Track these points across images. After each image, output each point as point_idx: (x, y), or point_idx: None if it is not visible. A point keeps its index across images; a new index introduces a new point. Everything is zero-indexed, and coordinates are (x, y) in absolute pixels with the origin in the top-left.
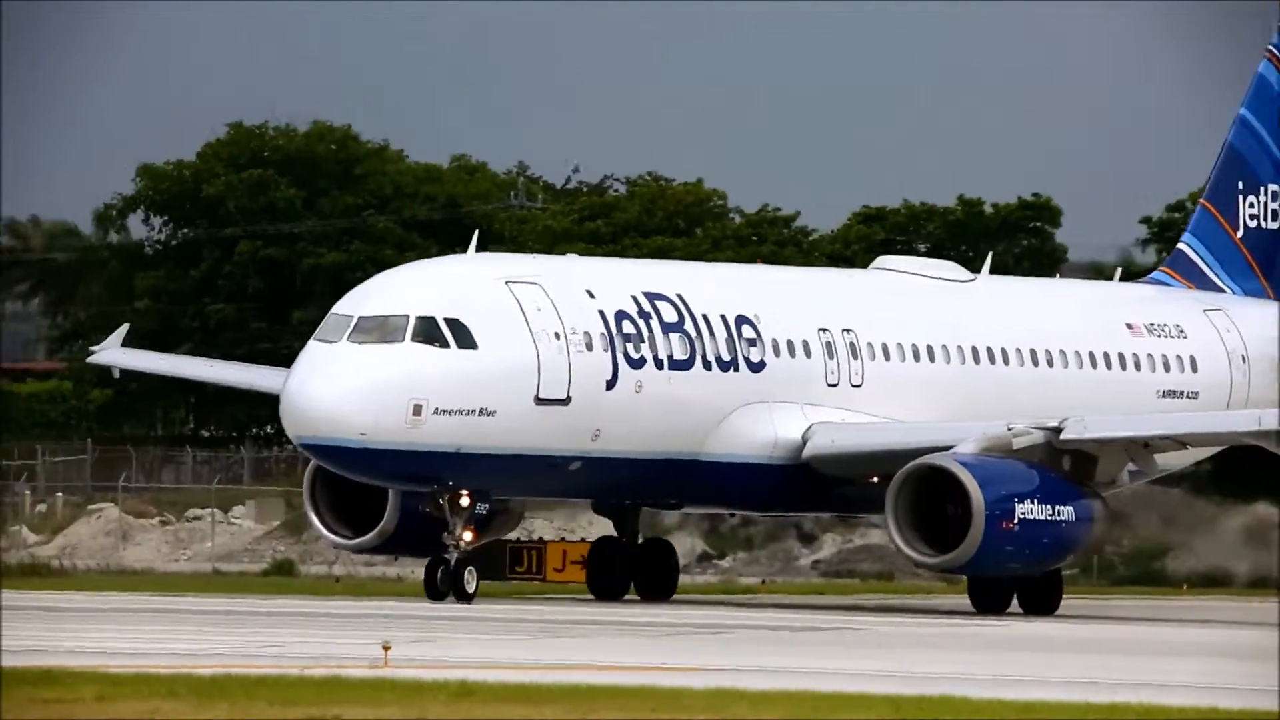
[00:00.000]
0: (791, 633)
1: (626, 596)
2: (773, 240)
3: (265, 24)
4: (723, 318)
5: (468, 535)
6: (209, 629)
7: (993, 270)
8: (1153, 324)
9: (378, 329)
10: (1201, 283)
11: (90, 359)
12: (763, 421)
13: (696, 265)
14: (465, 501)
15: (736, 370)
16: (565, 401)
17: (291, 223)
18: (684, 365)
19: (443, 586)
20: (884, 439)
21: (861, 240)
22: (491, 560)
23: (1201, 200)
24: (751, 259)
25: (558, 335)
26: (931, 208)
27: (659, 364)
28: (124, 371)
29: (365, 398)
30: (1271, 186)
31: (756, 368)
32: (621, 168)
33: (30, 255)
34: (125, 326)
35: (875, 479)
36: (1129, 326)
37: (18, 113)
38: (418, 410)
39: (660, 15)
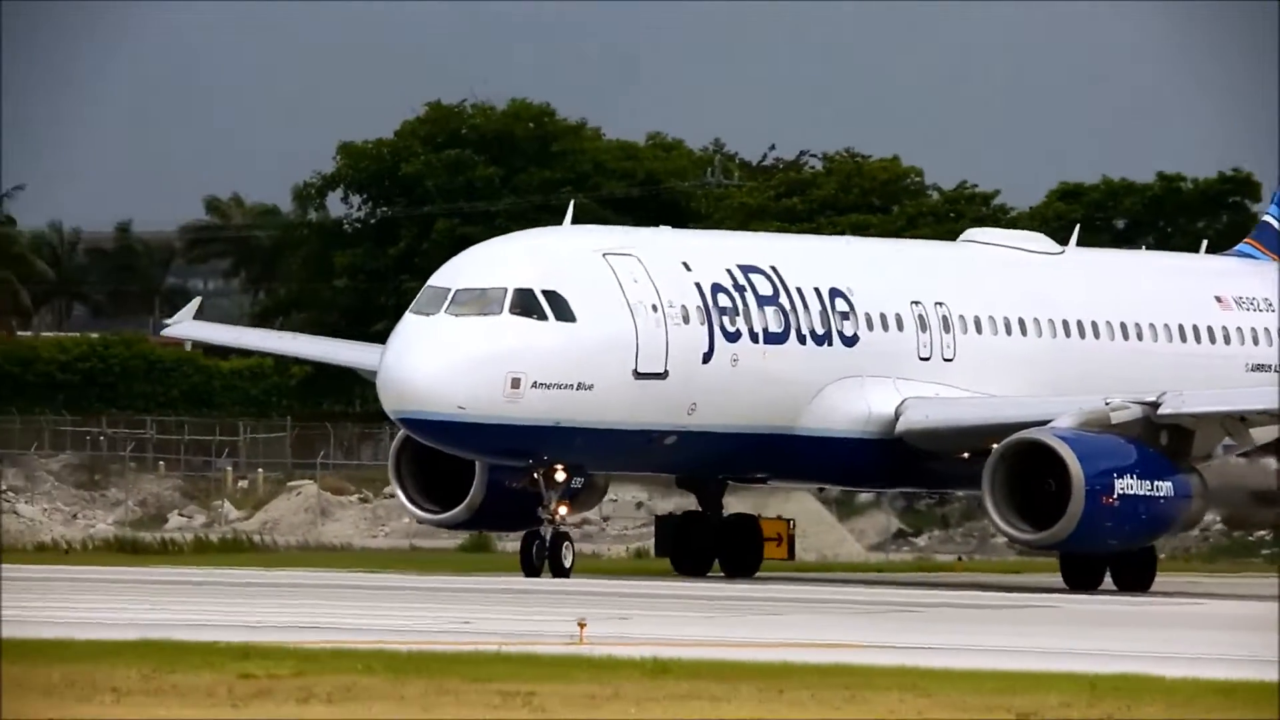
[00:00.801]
0: (985, 610)
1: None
2: (970, 217)
3: (463, 3)
4: (816, 291)
5: (563, 509)
6: (406, 605)
7: (1187, 247)
8: (1241, 297)
9: (475, 301)
10: None
11: (163, 332)
12: (856, 396)
13: (790, 238)
14: (560, 476)
15: (830, 344)
16: (663, 375)
17: (489, 201)
18: (779, 339)
19: (538, 561)
20: (979, 414)
21: (1060, 218)
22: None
23: None
24: (950, 236)
25: (655, 308)
26: (1130, 184)
27: (754, 337)
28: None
29: (464, 371)
30: None
31: (850, 341)
32: (818, 144)
33: (231, 232)
34: (198, 300)
35: (967, 455)
36: (1218, 299)
37: (221, 95)
38: (516, 384)
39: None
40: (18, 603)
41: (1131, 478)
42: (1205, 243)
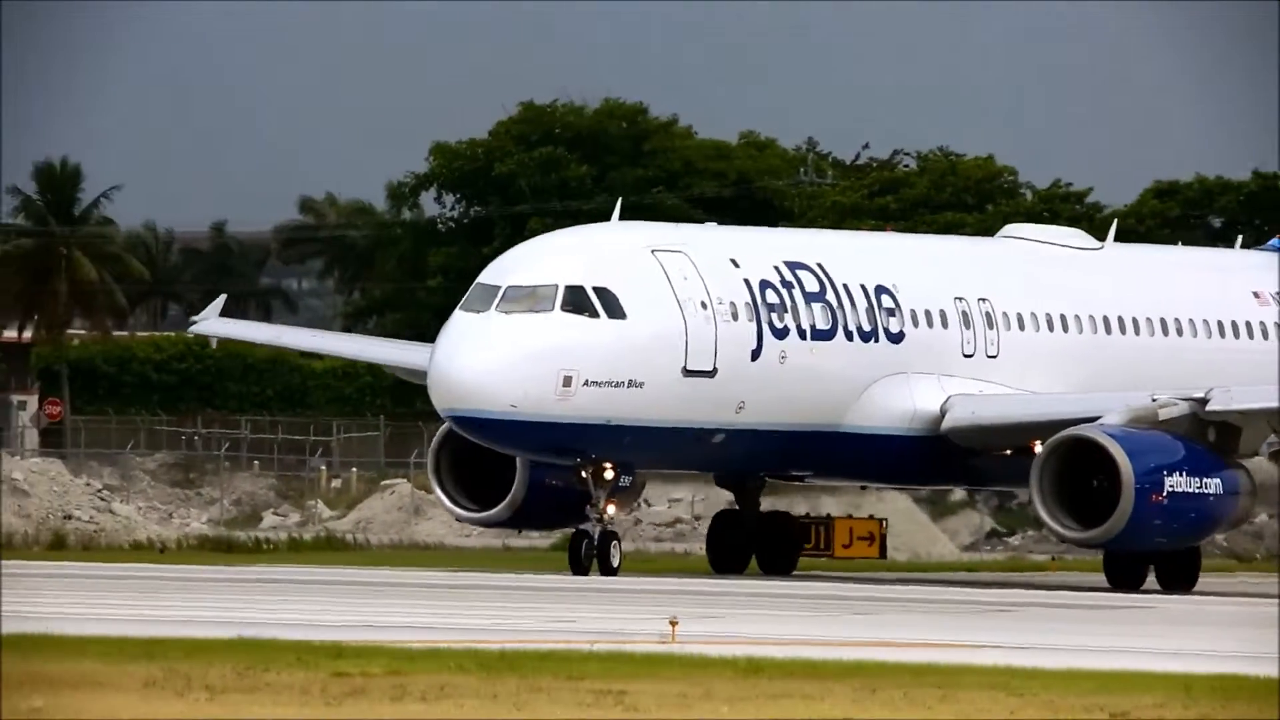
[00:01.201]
0: (1079, 610)
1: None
2: (1065, 216)
3: (555, 4)
4: (862, 287)
5: (611, 508)
6: (498, 604)
7: None
8: (1278, 292)
9: (526, 298)
10: None
11: (190, 330)
12: (902, 393)
13: (836, 234)
14: (609, 474)
15: (876, 341)
16: (712, 373)
17: (582, 200)
18: (826, 335)
19: (586, 559)
20: (1025, 411)
21: (1155, 216)
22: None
23: None
24: None
25: (704, 305)
26: (1226, 182)
27: (802, 334)
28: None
29: (516, 369)
30: None
31: (896, 338)
32: (912, 142)
33: (326, 232)
34: (223, 297)
35: (1009, 452)
36: (1255, 295)
37: (317, 95)
38: (568, 382)
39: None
40: (114, 601)
41: (1180, 475)
42: (1240, 238)
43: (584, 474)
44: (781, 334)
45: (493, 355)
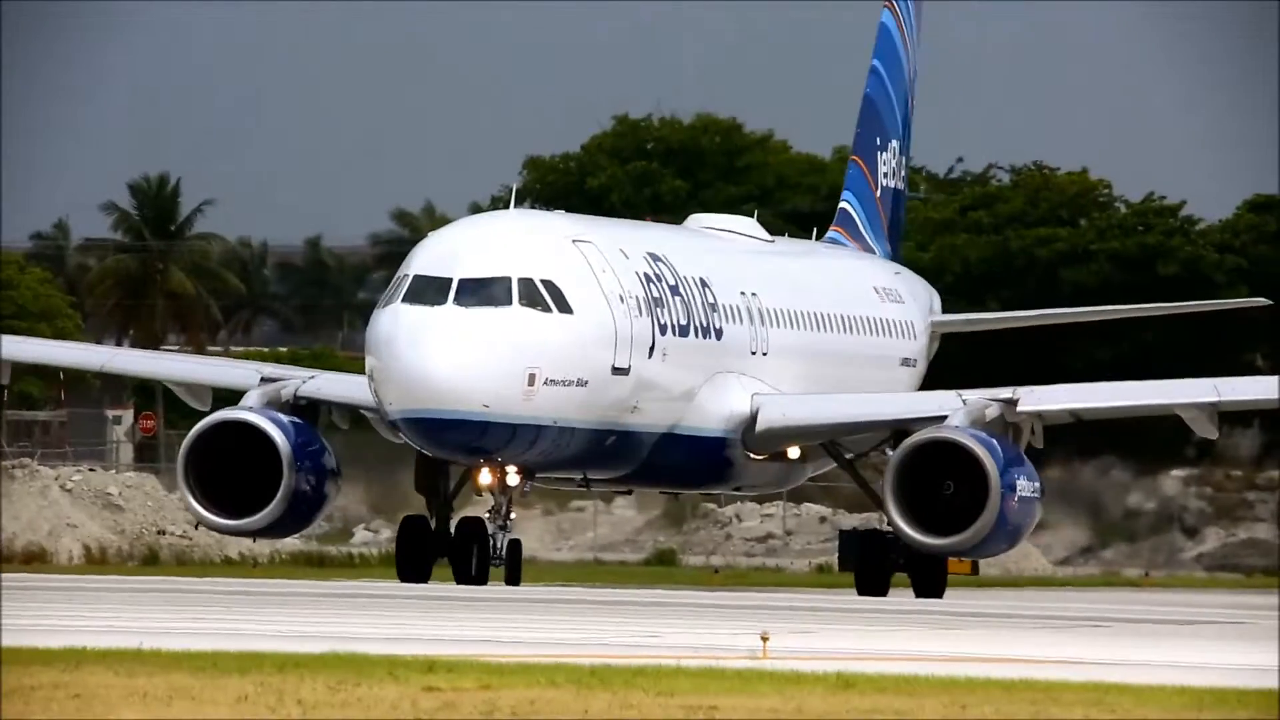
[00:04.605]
0: (1172, 625)
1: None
2: (1160, 230)
3: (658, 18)
4: (695, 281)
5: (514, 514)
6: (590, 618)
7: None
8: (885, 289)
9: (484, 291)
10: (862, 244)
11: None
12: (721, 392)
13: (661, 227)
14: (514, 479)
15: (711, 338)
16: (627, 371)
17: (676, 215)
18: (684, 332)
19: (485, 565)
20: (836, 412)
21: (1251, 230)
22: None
23: (852, 155)
24: (1137, 250)
25: (622, 299)
26: None
27: (675, 330)
28: None
29: (489, 367)
30: (893, 143)
31: (719, 335)
32: (1006, 156)
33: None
34: None
35: (763, 457)
36: (876, 291)
37: (410, 109)
38: (531, 380)
39: (1045, 8)
40: (207, 615)
41: (1023, 480)
42: (815, 230)
43: (483, 478)
44: (664, 330)
45: (463, 352)
